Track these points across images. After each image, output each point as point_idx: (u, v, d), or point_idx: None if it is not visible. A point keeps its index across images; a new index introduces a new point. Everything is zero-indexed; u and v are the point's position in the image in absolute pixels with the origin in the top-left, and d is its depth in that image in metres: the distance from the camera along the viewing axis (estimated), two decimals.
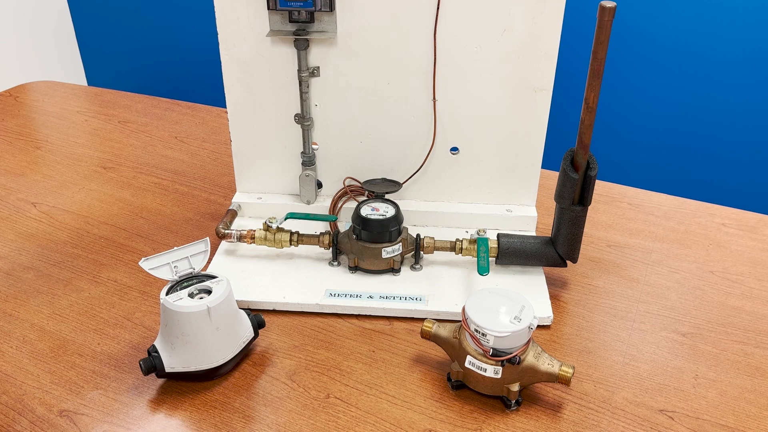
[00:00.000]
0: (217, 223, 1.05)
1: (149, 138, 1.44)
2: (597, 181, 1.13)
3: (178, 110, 1.59)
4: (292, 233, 0.98)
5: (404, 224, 0.97)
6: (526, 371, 0.75)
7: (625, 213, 1.17)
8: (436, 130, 1.01)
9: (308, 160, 1.05)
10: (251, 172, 1.09)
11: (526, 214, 1.06)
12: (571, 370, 0.74)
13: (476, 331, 0.74)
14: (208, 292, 0.78)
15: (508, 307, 0.75)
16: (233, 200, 1.10)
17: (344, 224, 1.05)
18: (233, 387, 0.80)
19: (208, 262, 0.98)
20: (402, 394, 0.79)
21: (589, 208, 0.90)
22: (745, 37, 1.68)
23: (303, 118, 1.01)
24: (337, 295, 0.92)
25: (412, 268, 0.98)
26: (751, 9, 1.65)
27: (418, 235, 0.97)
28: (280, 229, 0.98)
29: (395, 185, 1.01)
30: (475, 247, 0.95)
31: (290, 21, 0.94)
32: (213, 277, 0.81)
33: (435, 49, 0.95)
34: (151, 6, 2.30)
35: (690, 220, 1.15)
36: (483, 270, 0.92)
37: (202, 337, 0.76)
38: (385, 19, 0.94)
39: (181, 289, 0.78)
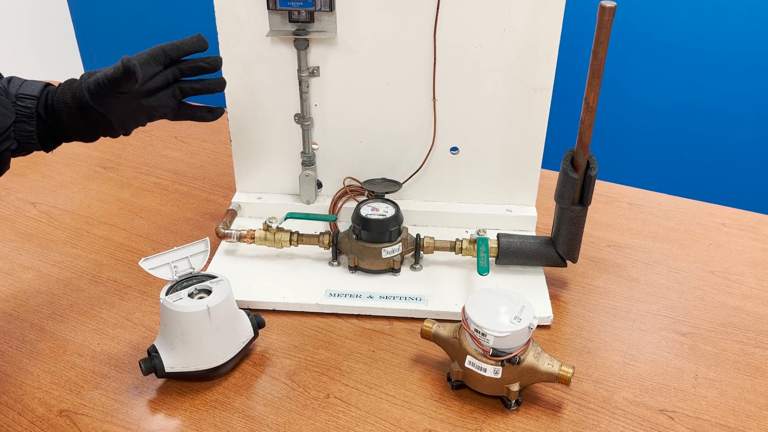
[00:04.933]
0: (217, 223, 1.05)
1: (149, 138, 1.44)
2: (597, 181, 1.13)
3: None
4: (292, 233, 0.98)
5: (404, 224, 0.97)
6: (526, 371, 0.75)
7: (625, 213, 1.17)
8: (436, 130, 1.01)
9: (308, 160, 1.05)
10: (251, 172, 1.09)
11: (526, 214, 1.06)
12: (571, 370, 0.74)
13: (476, 331, 0.74)
14: (208, 292, 0.78)
15: (508, 307, 0.75)
16: (233, 200, 1.10)
17: (344, 224, 1.05)
18: (233, 387, 0.80)
19: (208, 262, 0.98)
20: (402, 394, 0.79)
21: (589, 208, 0.90)
22: (745, 37, 1.68)
23: (303, 118, 1.01)
24: (337, 295, 0.92)
25: (412, 268, 0.98)
26: (751, 9, 1.65)
27: (418, 235, 0.97)
28: (280, 229, 0.98)
29: (395, 185, 1.01)
30: (475, 247, 0.95)
31: (290, 21, 0.94)
32: (213, 277, 0.81)
33: (435, 49, 0.95)
34: (151, 6, 2.30)
35: (690, 220, 1.15)
36: (483, 270, 0.92)
37: (202, 337, 0.76)
38: (385, 19, 0.93)
39: (181, 289, 0.78)
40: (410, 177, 1.06)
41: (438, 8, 0.92)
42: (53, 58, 2.46)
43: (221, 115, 0.82)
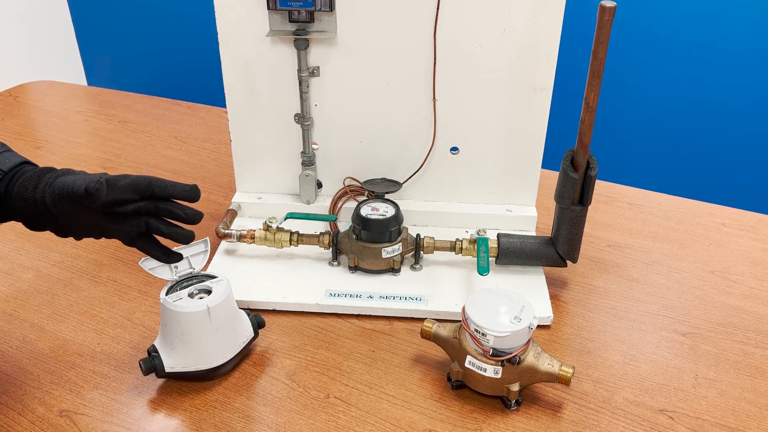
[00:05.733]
0: (217, 223, 1.05)
1: (149, 138, 1.44)
2: (597, 181, 1.13)
3: (178, 110, 1.59)
4: (292, 233, 0.98)
5: (404, 224, 0.97)
6: (526, 371, 0.75)
7: (625, 213, 1.17)
8: (436, 130, 1.01)
9: (308, 160, 1.05)
10: (251, 172, 1.09)
11: (526, 214, 1.06)
12: (571, 370, 0.74)
13: (476, 331, 0.74)
14: (208, 292, 0.78)
15: (508, 307, 0.75)
16: (233, 200, 1.10)
17: (344, 224, 1.05)
18: (233, 387, 0.80)
19: (208, 262, 0.98)
20: (402, 394, 0.79)
21: (589, 208, 0.90)
22: (745, 37, 1.68)
23: (303, 118, 1.01)
24: (337, 295, 0.92)
25: (412, 268, 0.98)
26: (751, 9, 1.64)
27: (418, 235, 0.97)
28: (280, 229, 0.98)
29: (395, 185, 1.01)
30: (475, 247, 0.95)
31: (290, 21, 0.94)
32: (213, 277, 0.81)
33: (435, 49, 0.95)
34: (151, 6, 2.29)
35: (690, 220, 1.15)
36: (483, 270, 0.92)
37: (202, 337, 0.76)
38: (385, 18, 0.93)
39: (181, 289, 0.78)
40: (410, 177, 1.06)
41: (438, 8, 0.92)
42: (53, 58, 2.46)
43: (177, 261, 0.78)
